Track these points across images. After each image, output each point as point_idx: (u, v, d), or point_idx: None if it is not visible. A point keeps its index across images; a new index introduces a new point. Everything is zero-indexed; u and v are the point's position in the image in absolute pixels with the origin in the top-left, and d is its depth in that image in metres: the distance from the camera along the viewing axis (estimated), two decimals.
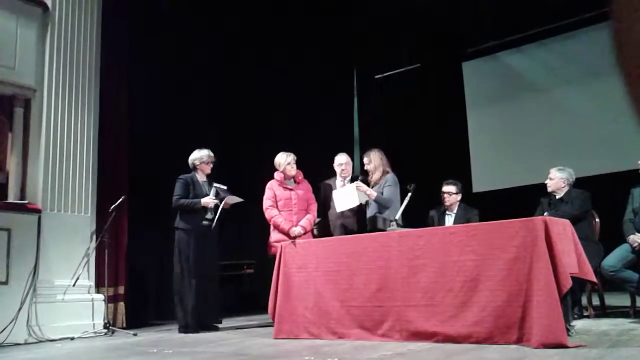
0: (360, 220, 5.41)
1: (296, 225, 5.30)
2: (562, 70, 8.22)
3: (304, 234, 5.28)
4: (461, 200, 5.58)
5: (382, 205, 5.15)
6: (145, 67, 6.91)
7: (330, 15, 9.01)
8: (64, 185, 5.69)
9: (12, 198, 5.37)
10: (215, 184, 5.63)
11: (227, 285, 7.54)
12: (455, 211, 5.52)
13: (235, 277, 8.37)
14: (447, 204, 5.53)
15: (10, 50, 5.51)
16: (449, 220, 5.49)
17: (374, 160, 5.34)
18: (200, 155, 5.67)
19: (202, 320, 5.37)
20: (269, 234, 5.51)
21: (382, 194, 5.16)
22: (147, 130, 6.94)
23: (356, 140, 10.05)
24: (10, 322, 4.96)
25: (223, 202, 5.51)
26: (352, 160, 6.01)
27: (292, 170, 5.50)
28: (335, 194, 5.32)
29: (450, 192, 5.50)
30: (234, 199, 5.59)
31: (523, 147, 8.36)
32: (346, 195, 5.15)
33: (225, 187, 5.66)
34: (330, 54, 9.43)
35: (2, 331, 4.87)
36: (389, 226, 4.52)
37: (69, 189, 5.72)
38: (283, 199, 5.42)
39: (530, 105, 8.48)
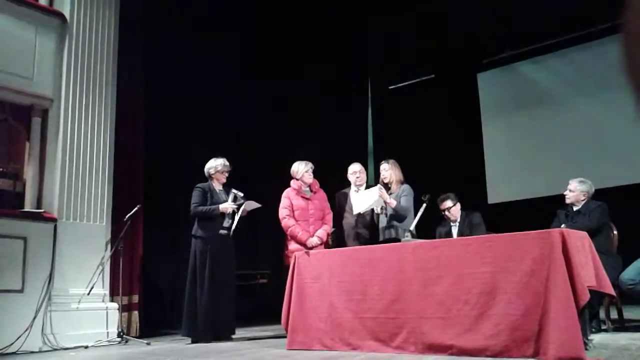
0: (375, 230, 5.40)
1: (313, 236, 5.30)
2: (578, 80, 8.16)
3: (321, 244, 5.28)
4: (462, 209, 5.56)
5: (400, 214, 5.13)
6: (161, 75, 6.96)
7: (345, 26, 9.03)
8: (80, 194, 5.73)
9: (28, 207, 5.42)
10: (233, 190, 5.64)
11: (241, 295, 7.54)
12: (458, 220, 5.50)
13: (249, 287, 8.37)
14: (452, 219, 5.51)
15: (28, 61, 5.59)
16: (454, 230, 5.48)
17: (393, 169, 5.33)
18: (215, 164, 5.69)
19: (215, 330, 5.36)
20: (283, 244, 5.50)
21: (399, 203, 5.15)
22: (163, 139, 6.99)
23: (370, 151, 10.04)
24: (25, 330, 4.99)
25: (241, 210, 5.51)
26: (366, 170, 6.01)
27: (310, 178, 5.53)
28: (354, 196, 5.30)
29: (449, 208, 5.48)
30: (252, 205, 5.58)
31: (539, 158, 8.29)
32: (367, 198, 5.14)
33: (242, 194, 5.66)
34: (345, 64, 9.44)
35: (17, 339, 4.90)
36: (404, 236, 4.49)
37: (84, 198, 5.77)
38: (300, 208, 5.43)
39: (546, 116, 8.42)
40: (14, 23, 5.53)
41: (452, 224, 5.53)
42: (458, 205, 5.52)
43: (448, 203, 5.49)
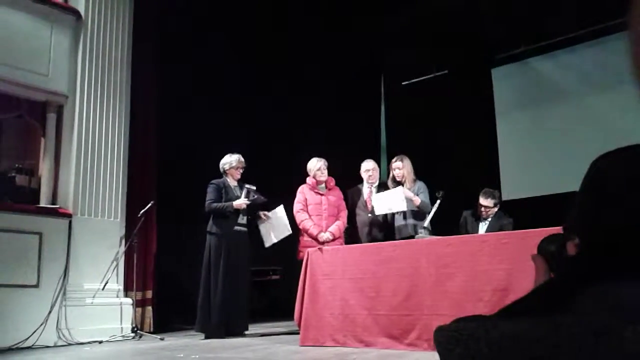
0: (389, 227, 5.37)
1: (325, 231, 5.29)
2: (594, 76, 8.06)
3: (332, 240, 5.26)
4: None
5: (424, 211, 5.08)
6: (175, 72, 6.98)
7: (358, 22, 9.00)
8: (94, 190, 5.77)
9: (44, 202, 5.47)
10: (246, 185, 5.65)
11: (253, 291, 7.55)
12: (489, 219, 5.37)
13: (261, 283, 8.38)
14: (483, 215, 5.38)
15: (44, 58, 5.63)
16: (482, 228, 5.35)
17: (407, 166, 5.29)
18: (230, 160, 5.71)
19: (228, 326, 5.37)
20: (297, 239, 5.51)
21: (422, 201, 5.12)
22: (176, 135, 7.01)
23: (383, 147, 10.00)
24: (41, 325, 5.04)
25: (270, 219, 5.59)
26: (379, 166, 5.99)
27: (322, 176, 5.51)
28: (375, 197, 5.26)
29: (488, 207, 5.32)
30: (283, 217, 5.61)
31: (554, 155, 8.21)
32: (389, 199, 5.07)
33: (254, 188, 5.67)
34: (358, 60, 9.41)
35: (32, 334, 4.95)
36: (418, 233, 4.47)
37: (99, 194, 5.81)
38: (313, 203, 5.43)
39: (561, 111, 8.33)
40: (30, 20, 5.57)
41: (482, 219, 5.42)
42: (496, 207, 5.40)
43: (489, 203, 5.30)
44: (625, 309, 0.56)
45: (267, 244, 5.72)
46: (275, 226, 5.65)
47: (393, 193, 5.11)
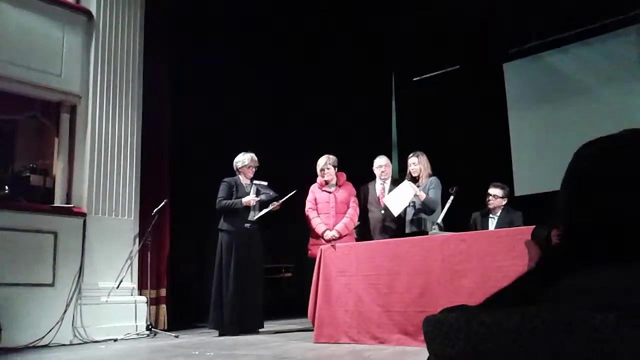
0: (401, 223, 5.36)
1: (332, 229, 5.29)
2: (608, 70, 7.97)
3: (338, 238, 5.24)
4: (505, 203, 5.44)
5: (429, 207, 5.09)
6: (187, 70, 6.99)
7: (368, 18, 8.97)
8: (108, 189, 5.81)
9: (58, 202, 5.51)
10: (255, 181, 5.66)
11: (266, 288, 7.56)
12: (498, 214, 5.38)
13: (274, 281, 8.39)
14: (490, 206, 5.38)
15: (56, 58, 5.66)
16: (492, 223, 5.36)
17: (422, 162, 5.28)
18: (243, 159, 5.71)
19: (242, 323, 5.38)
20: (308, 237, 5.51)
21: (427, 195, 5.10)
22: (189, 133, 7.03)
23: (394, 143, 9.97)
24: (57, 324, 5.08)
25: (272, 205, 5.53)
26: (391, 163, 5.97)
27: (327, 176, 5.50)
28: (387, 200, 5.23)
29: (496, 196, 5.35)
30: (283, 199, 5.58)
31: (567, 149, 7.99)
32: (400, 196, 5.08)
33: (265, 183, 5.68)
34: (369, 56, 9.38)
35: (48, 332, 4.99)
36: (431, 229, 4.45)
37: (113, 193, 5.84)
38: (322, 202, 5.45)
39: (574, 106, 8.26)
40: (42, 20, 5.60)
41: (490, 214, 5.42)
42: (504, 200, 5.37)
43: (497, 192, 5.35)
44: (595, 298, 0.57)
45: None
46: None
47: (400, 189, 5.12)
